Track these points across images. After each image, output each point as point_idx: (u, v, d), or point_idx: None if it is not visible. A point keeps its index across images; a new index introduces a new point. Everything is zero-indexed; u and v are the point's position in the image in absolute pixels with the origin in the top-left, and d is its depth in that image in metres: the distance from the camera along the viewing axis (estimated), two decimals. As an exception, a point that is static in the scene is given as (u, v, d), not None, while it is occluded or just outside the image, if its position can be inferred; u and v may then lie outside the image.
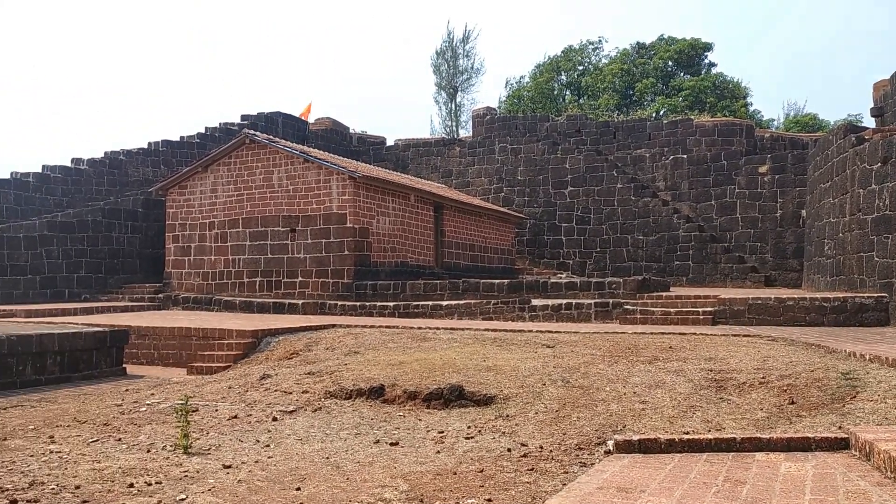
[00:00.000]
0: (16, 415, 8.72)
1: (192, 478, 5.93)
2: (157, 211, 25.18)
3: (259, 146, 22.20)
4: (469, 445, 7.03)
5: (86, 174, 27.91)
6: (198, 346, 14.39)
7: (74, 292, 22.99)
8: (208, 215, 22.70)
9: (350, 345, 12.74)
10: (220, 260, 22.40)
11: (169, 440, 7.17)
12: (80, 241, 23.49)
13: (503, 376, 9.53)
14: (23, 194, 25.63)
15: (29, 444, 6.99)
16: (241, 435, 7.52)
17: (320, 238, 20.99)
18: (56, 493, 5.39)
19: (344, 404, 8.98)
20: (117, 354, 13.01)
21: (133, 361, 14.39)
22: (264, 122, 32.55)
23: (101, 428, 7.81)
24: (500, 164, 32.99)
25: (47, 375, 11.56)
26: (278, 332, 14.17)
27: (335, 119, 37.12)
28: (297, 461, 6.52)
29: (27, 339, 11.30)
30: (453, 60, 45.94)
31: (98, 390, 10.87)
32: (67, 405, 9.39)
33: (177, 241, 23.16)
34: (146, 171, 29.54)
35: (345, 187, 20.87)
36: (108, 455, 6.61)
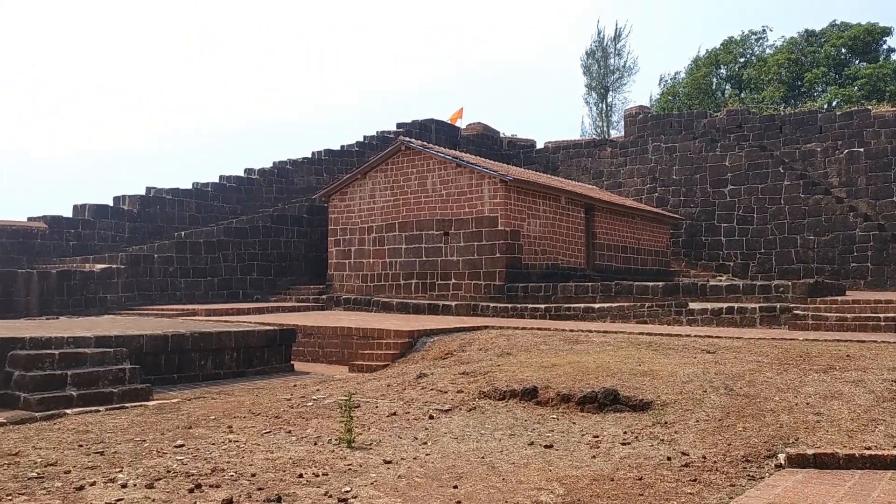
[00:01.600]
0: (199, 405, 9.49)
1: (356, 471, 6.20)
2: (320, 216, 26.56)
3: (413, 152, 22.85)
4: (626, 451, 6.87)
5: (257, 183, 29.91)
6: (358, 344, 15.02)
7: (247, 293, 24.69)
8: (367, 220, 23.65)
9: (502, 346, 12.82)
10: (377, 263, 23.26)
11: (334, 434, 7.54)
12: (252, 246, 25.22)
13: (660, 381, 9.23)
14: (203, 203, 27.88)
15: (211, 433, 7.59)
16: (400, 432, 7.77)
17: (472, 241, 21.28)
18: (235, 479, 5.82)
19: (497, 405, 9.05)
20: (286, 352, 13.83)
21: (300, 358, 15.23)
22: (418, 129, 33.46)
23: (273, 420, 8.34)
24: (653, 163, 31.99)
25: (225, 370, 12.49)
26: (433, 332, 14.51)
27: (485, 124, 37.49)
28: (454, 459, 6.65)
29: (208, 337, 12.28)
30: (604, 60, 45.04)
31: (269, 385, 11.62)
32: (243, 398, 10.10)
33: (338, 244, 24.31)
34: (310, 178, 31.23)
35: (496, 190, 21.03)
36: (279, 446, 7.05)
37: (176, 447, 6.87)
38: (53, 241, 23.52)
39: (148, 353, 11.24)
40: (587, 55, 45.71)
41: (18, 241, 22.65)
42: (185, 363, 11.89)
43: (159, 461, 6.34)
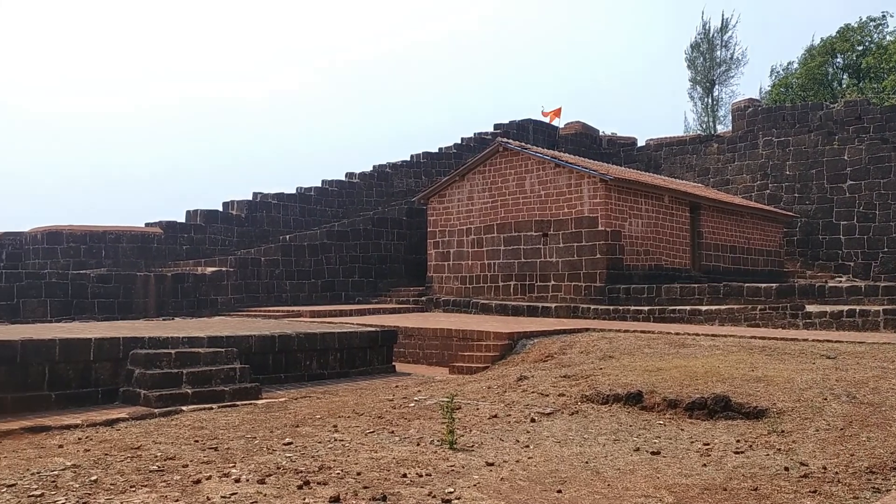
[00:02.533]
0: (305, 405, 9.74)
1: (459, 472, 6.19)
2: (419, 219, 26.85)
3: (511, 153, 22.76)
4: (739, 460, 6.57)
5: (357, 187, 30.57)
6: (458, 346, 15.07)
7: (349, 294, 25.25)
8: (465, 222, 23.73)
9: (604, 349, 12.56)
10: (476, 264, 23.29)
11: (436, 435, 7.57)
12: (353, 248, 25.78)
13: (775, 388, 8.79)
14: (306, 207, 28.73)
15: (317, 432, 7.76)
16: (502, 434, 7.72)
17: (572, 242, 20.98)
18: (341, 477, 5.92)
19: (601, 409, 8.86)
20: (387, 353, 14.03)
21: (400, 359, 15.42)
22: (516, 130, 33.33)
23: (376, 420, 8.46)
24: (764, 159, 30.62)
25: (329, 370, 12.78)
26: (533, 334, 14.38)
27: (584, 122, 36.94)
28: (557, 463, 6.54)
29: (313, 338, 12.61)
30: (710, 52, 43.49)
31: (371, 385, 11.81)
32: (347, 398, 10.31)
33: (437, 246, 24.50)
34: (409, 181, 31.64)
35: (596, 190, 20.66)
36: (383, 446, 7.14)
37: (285, 445, 7.06)
38: (168, 245, 24.79)
39: (256, 353, 11.64)
40: (692, 48, 44.26)
41: (137, 245, 24.00)
42: (291, 363, 12.25)
43: (269, 458, 6.53)
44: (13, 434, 7.73)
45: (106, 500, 5.21)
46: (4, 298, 18.61)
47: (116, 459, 6.48)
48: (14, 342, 9.19)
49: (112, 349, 10.03)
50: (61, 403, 9.37)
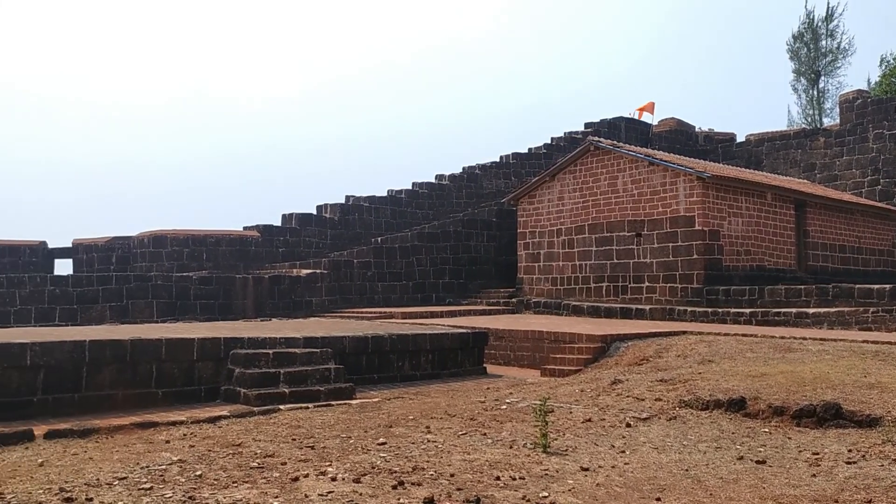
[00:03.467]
0: (398, 405, 9.83)
1: (553, 477, 6.09)
2: (509, 220, 26.73)
3: (603, 152, 22.35)
4: (851, 471, 6.19)
5: (447, 188, 30.73)
6: (549, 348, 14.89)
7: (440, 296, 25.38)
8: (556, 222, 23.46)
9: (703, 353, 12.13)
10: (567, 266, 22.99)
11: (528, 438, 7.48)
12: (443, 250, 25.91)
13: (890, 395, 8.27)
14: (397, 209, 29.10)
15: (410, 433, 7.81)
16: (596, 438, 7.56)
17: (667, 242, 20.41)
18: (434, 478, 5.93)
19: (700, 415, 8.55)
20: (478, 354, 14.01)
21: (491, 361, 15.37)
22: (607, 129, 32.75)
23: (468, 422, 8.44)
24: (874, 153, 28.97)
25: (421, 371, 12.86)
26: (627, 337, 14.05)
27: (679, 119, 35.92)
28: (655, 470, 6.35)
29: (405, 339, 12.72)
30: (814, 42, 41.46)
31: (463, 387, 11.80)
32: (438, 399, 10.33)
33: (527, 248, 24.32)
34: (498, 182, 31.58)
35: (692, 188, 20.02)
36: (475, 448, 7.11)
37: (379, 445, 7.13)
38: (265, 247, 25.60)
39: (350, 354, 11.84)
40: (794, 38, 42.28)
41: (236, 248, 24.88)
42: (383, 364, 12.39)
43: (364, 457, 6.61)
44: (124, 429, 8.11)
45: (210, 495, 5.38)
46: (115, 299, 19.65)
47: (219, 456, 6.70)
48: (124, 342, 9.67)
49: (214, 349, 10.40)
50: (167, 400, 9.78)
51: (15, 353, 8.74)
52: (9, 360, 8.67)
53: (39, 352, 8.91)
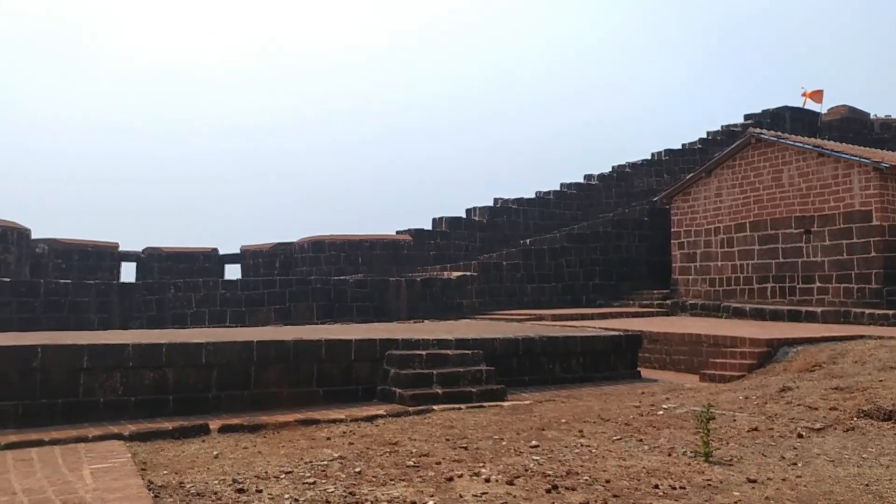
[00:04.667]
0: (549, 408, 9.72)
1: (716, 487, 5.77)
2: (661, 219, 25.80)
3: (765, 145, 21.07)
4: None
5: (596, 188, 30.16)
6: (709, 352, 14.21)
7: (590, 298, 24.92)
8: (713, 220, 22.37)
9: (884, 359, 11.12)
10: (726, 265, 21.86)
11: (688, 446, 7.15)
12: (593, 251, 25.41)
13: None
14: (545, 210, 28.90)
15: (562, 436, 7.69)
16: (763, 449, 7.09)
17: (840, 239, 18.90)
18: (589, 483, 5.79)
19: (882, 426, 7.82)
20: (632, 358, 13.60)
21: (645, 365, 14.88)
22: (769, 119, 30.89)
23: (623, 427, 8.19)
24: None
25: (572, 374, 12.65)
26: (795, 341, 13.15)
27: (851, 106, 33.26)
28: (831, 484, 5.86)
29: (556, 341, 12.58)
30: None
31: (616, 391, 11.49)
32: (591, 403, 10.12)
33: (682, 247, 23.37)
34: (650, 180, 30.60)
35: (868, 181, 18.43)
36: (631, 454, 6.88)
37: (531, 447, 7.07)
38: (417, 251, 26.24)
39: (501, 356, 11.84)
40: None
41: (389, 252, 25.68)
42: (534, 366, 12.30)
43: (517, 459, 6.57)
44: (289, 426, 8.55)
45: (369, 492, 5.54)
46: (278, 302, 20.82)
47: (377, 453, 6.90)
48: (288, 342, 10.20)
49: (370, 350, 10.75)
50: (327, 399, 10.21)
51: (192, 352, 9.44)
52: (187, 359, 9.38)
53: (213, 351, 9.57)
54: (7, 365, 8.41)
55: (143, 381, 9.08)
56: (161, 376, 9.20)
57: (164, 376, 9.22)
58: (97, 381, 8.84)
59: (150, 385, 9.12)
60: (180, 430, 8.08)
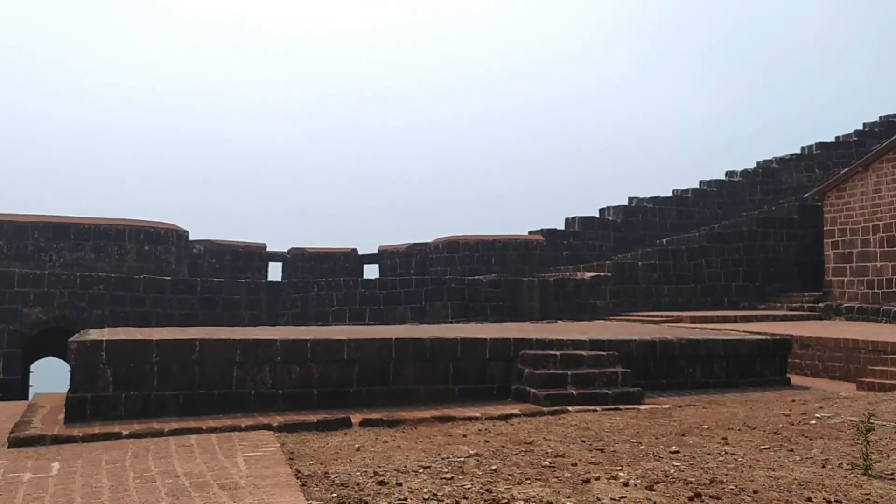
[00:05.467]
0: (689, 413, 9.38)
1: (875, 502, 5.38)
2: (813, 217, 24.24)
3: (931, 135, 19.35)
4: None
5: (738, 185, 28.80)
6: (867, 359, 13.24)
7: (732, 300, 23.80)
8: (871, 218, 20.78)
9: None
10: (886, 266, 20.25)
11: (844, 458, 6.69)
12: (735, 251, 24.25)
13: None
14: (683, 209, 27.90)
15: (704, 443, 7.40)
16: (933, 465, 6.52)
17: None
18: (735, 493, 5.54)
19: None
20: (780, 363, 12.87)
21: (795, 371, 14.04)
22: (934, 107, 28.30)
23: (771, 436, 7.78)
24: None
25: (713, 379, 12.14)
26: (969, 349, 11.99)
27: None
28: None
29: (696, 344, 12.12)
30: None
31: (763, 398, 10.92)
32: (735, 409, 9.67)
33: (836, 247, 21.86)
34: (799, 176, 28.87)
35: None
36: (781, 464, 6.52)
37: (671, 453, 6.86)
38: (549, 251, 26.06)
39: (637, 358, 11.55)
40: None
41: (521, 252, 25.66)
42: (672, 370, 11.91)
43: (656, 465, 6.40)
44: (426, 422, 8.74)
45: (505, 490, 5.57)
46: (414, 301, 21.29)
47: (512, 452, 6.93)
48: (425, 340, 10.42)
49: (504, 349, 10.79)
50: (462, 396, 10.35)
51: (335, 348, 9.85)
52: (330, 355, 9.80)
53: (354, 348, 9.94)
54: (170, 357, 9.11)
55: (289, 375, 9.58)
56: (306, 371, 9.66)
57: (309, 371, 9.67)
58: (249, 374, 9.41)
59: (296, 379, 9.59)
60: (324, 423, 8.44)
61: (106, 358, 8.84)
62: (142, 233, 21.99)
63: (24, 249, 20.51)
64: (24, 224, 20.91)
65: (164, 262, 22.29)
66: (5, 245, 20.41)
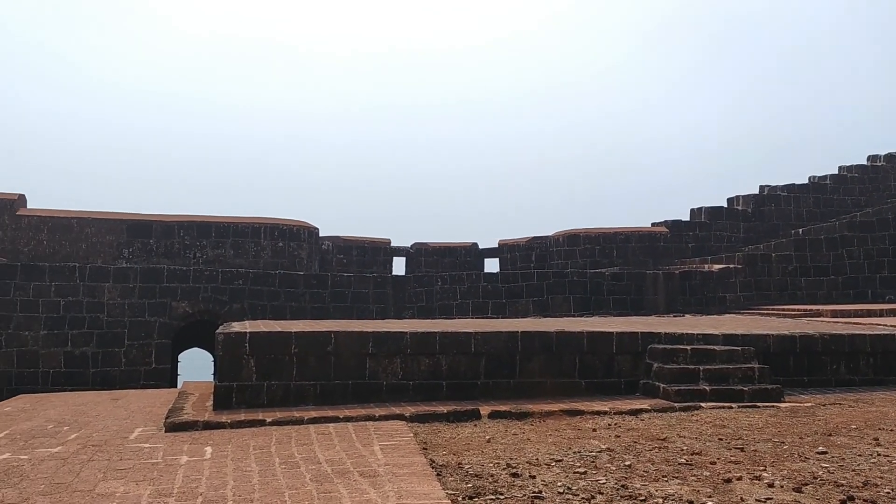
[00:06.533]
0: (835, 412, 8.88)
1: None
2: (968, 202, 22.34)
3: None
4: None
5: (883, 171, 26.94)
6: None
7: (877, 293, 22.26)
8: None
9: None
10: None
11: None
12: (881, 241, 22.67)
13: None
14: (820, 197, 26.38)
15: (854, 444, 7.00)
16: None
17: None
18: (892, 497, 5.22)
19: None
20: (935, 361, 11.94)
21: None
22: None
23: (929, 438, 7.26)
24: None
25: (859, 376, 11.42)
26: None
27: None
28: None
29: (839, 339, 11.44)
30: None
31: (916, 397, 10.18)
32: (886, 409, 9.08)
33: None
34: (952, 159, 26.63)
35: None
36: (942, 469, 6.08)
37: (818, 454, 6.53)
38: (674, 243, 25.29)
39: (774, 354, 11.03)
40: None
41: (645, 244, 25.04)
42: (813, 366, 11.30)
43: (802, 465, 6.12)
44: (553, 415, 8.72)
45: (641, 486, 5.50)
46: (536, 295, 21.23)
47: (645, 448, 6.81)
48: (550, 333, 10.40)
49: (631, 343, 10.60)
50: (589, 390, 10.25)
51: (462, 341, 10.00)
52: (458, 348, 9.96)
53: (481, 341, 10.06)
54: (308, 349, 9.54)
55: (419, 366, 9.81)
56: (435, 363, 9.86)
57: (437, 363, 9.86)
58: (380, 365, 9.71)
59: (425, 371, 9.81)
60: (454, 414, 8.59)
61: (249, 349, 9.37)
62: (276, 230, 23.09)
63: (170, 247, 22.02)
64: (170, 223, 22.44)
65: (297, 257, 23.30)
66: (154, 243, 21.98)
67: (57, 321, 18.20)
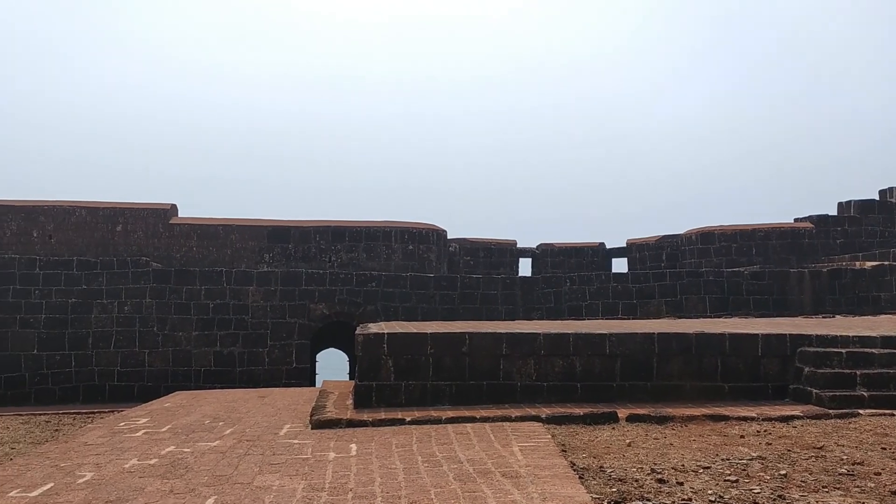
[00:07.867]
0: None
1: None
2: None
3: None
4: None
5: None
6: None
7: None
8: None
9: None
10: None
11: None
12: None
13: None
14: None
15: None
16: None
17: None
18: None
19: None
20: None
21: None
22: None
23: None
24: None
25: None
26: None
27: None
28: None
29: None
30: None
31: None
32: None
33: None
34: None
35: None
36: None
37: None
38: (819, 239, 23.85)
39: (942, 358, 10.17)
40: None
41: (786, 241, 23.75)
42: None
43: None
44: (696, 420, 8.43)
45: (800, 497, 5.21)
46: (669, 295, 20.57)
47: (800, 457, 6.45)
48: (689, 335, 10.04)
49: (779, 346, 10.07)
50: (732, 395, 9.81)
51: (597, 342, 9.84)
52: (592, 349, 9.81)
53: (616, 342, 9.86)
54: (443, 349, 9.68)
55: (553, 368, 9.73)
56: (569, 364, 9.75)
57: (571, 364, 9.76)
58: (514, 366, 9.71)
59: (559, 372, 9.73)
60: (591, 417, 8.47)
61: (387, 349, 9.62)
62: (406, 233, 23.62)
63: (308, 251, 22.99)
64: (307, 228, 23.44)
65: (426, 260, 23.73)
66: (293, 248, 23.03)
67: (207, 322, 19.42)
